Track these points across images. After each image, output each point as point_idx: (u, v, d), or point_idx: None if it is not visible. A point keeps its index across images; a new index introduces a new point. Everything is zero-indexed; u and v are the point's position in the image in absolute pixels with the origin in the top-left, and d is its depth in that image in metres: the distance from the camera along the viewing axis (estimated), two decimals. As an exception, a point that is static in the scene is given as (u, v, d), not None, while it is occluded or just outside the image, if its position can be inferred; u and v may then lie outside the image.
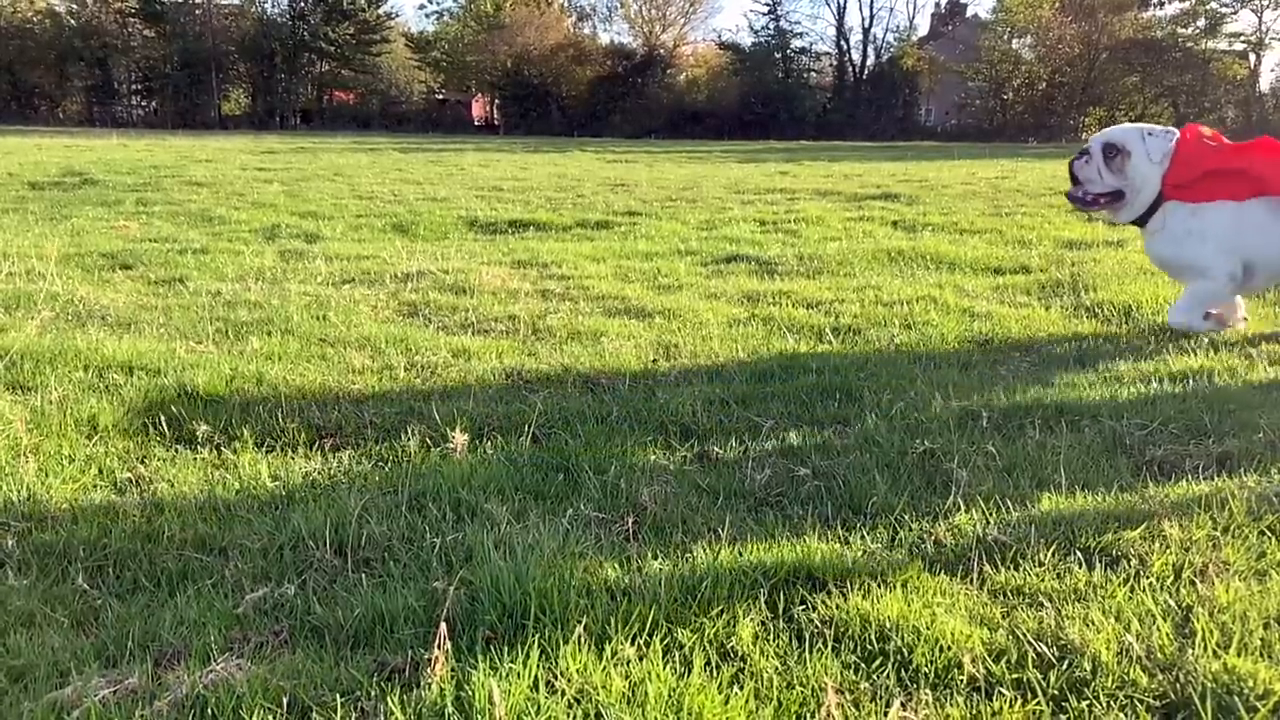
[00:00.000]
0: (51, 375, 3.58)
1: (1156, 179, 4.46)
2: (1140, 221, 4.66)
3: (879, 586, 2.10)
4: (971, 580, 2.20)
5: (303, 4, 52.96)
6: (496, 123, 56.14)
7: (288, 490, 2.65)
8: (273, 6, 54.34)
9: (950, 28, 58.55)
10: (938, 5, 61.84)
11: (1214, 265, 4.42)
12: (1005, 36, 53.08)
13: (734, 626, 1.91)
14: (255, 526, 2.38)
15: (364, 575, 2.14)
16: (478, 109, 60.43)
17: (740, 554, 2.22)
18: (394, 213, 10.21)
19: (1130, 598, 2.11)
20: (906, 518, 2.51)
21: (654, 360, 4.14)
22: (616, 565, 2.15)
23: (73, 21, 51.86)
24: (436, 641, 1.72)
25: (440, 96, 57.90)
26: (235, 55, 52.89)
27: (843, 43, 56.06)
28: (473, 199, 11.93)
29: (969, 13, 59.77)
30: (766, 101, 50.44)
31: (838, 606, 2.01)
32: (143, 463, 2.82)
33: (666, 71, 55.59)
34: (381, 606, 1.95)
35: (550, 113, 52.35)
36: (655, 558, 2.21)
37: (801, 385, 3.65)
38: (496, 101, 57.15)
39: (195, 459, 2.87)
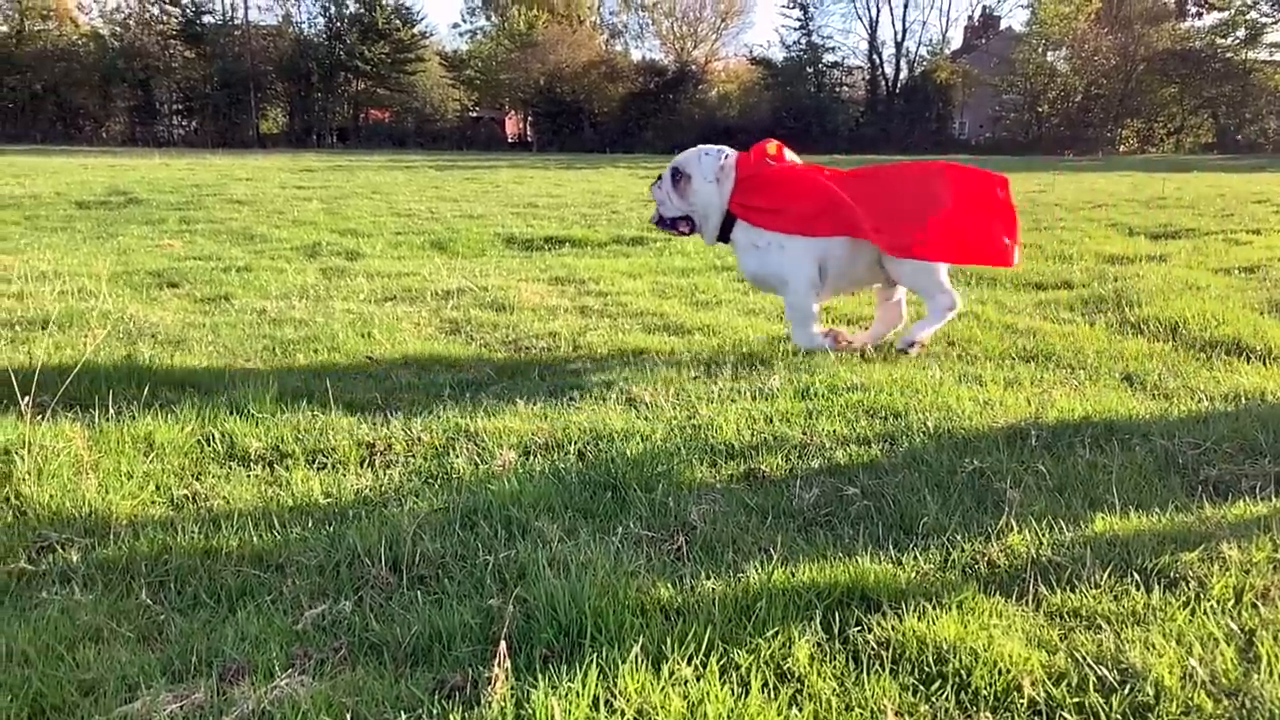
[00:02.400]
0: (107, 392, 3.65)
1: (718, 198, 4.46)
2: (726, 240, 4.62)
3: (934, 608, 2.09)
4: (1027, 602, 2.18)
5: (339, 24, 53.78)
6: (529, 140, 56.56)
7: (340, 507, 2.68)
8: (310, 27, 55.30)
9: (984, 40, 58.21)
10: (971, 18, 61.53)
11: (792, 273, 4.41)
12: (1040, 49, 52.65)
13: (790, 647, 1.91)
14: (311, 543, 2.41)
15: (419, 592, 2.16)
16: (511, 126, 60.94)
17: (793, 574, 2.22)
18: (432, 230, 10.32)
19: (1191, 621, 2.08)
20: (959, 538, 2.49)
21: (695, 377, 4.14)
22: (669, 584, 2.15)
23: (116, 44, 53.03)
24: (497, 660, 1.73)
25: (474, 114, 58.45)
26: (273, 75, 53.77)
27: (875, 56, 55.93)
28: (509, 216, 12.04)
29: (1002, 25, 59.38)
30: (799, 116, 50.37)
31: (894, 628, 2.00)
32: (198, 479, 2.88)
33: (698, 87, 55.71)
34: (439, 624, 1.96)
35: (583, 129, 52.66)
36: (708, 577, 2.21)
37: (846, 403, 3.64)
38: (529, 119, 57.60)
39: (249, 476, 2.92)
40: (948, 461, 3.05)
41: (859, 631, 1.99)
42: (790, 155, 4.71)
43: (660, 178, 4.70)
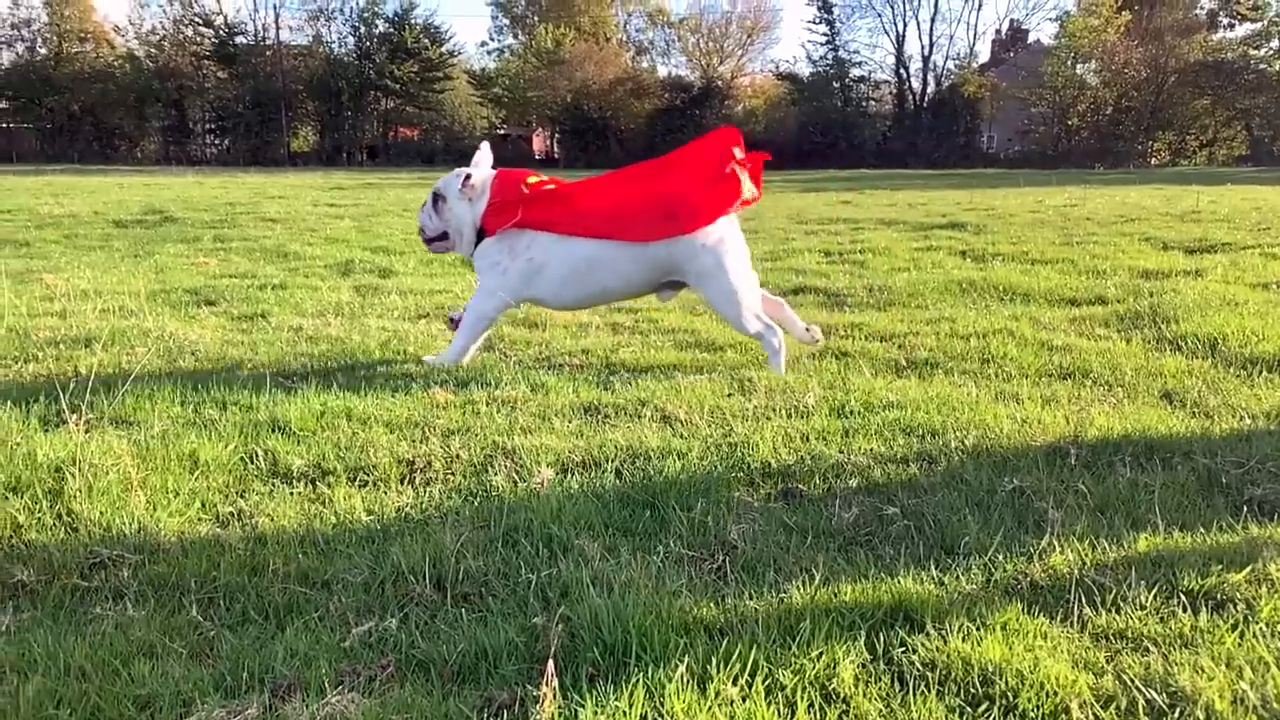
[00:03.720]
0: (151, 410, 3.72)
1: (470, 216, 4.75)
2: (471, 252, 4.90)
3: (979, 629, 2.08)
4: (1072, 623, 2.16)
5: (369, 43, 54.57)
6: (556, 156, 56.97)
7: (383, 525, 2.71)
8: (340, 46, 56.13)
9: (1012, 54, 57.99)
10: (999, 32, 61.35)
11: (491, 294, 4.71)
12: (1069, 61, 52.33)
13: (835, 668, 1.91)
14: (355, 561, 2.44)
15: (464, 610, 2.18)
16: (538, 143, 61.43)
17: (835, 594, 2.22)
18: (462, 247, 10.41)
19: (1240, 644, 2.06)
20: (1000, 558, 2.47)
21: (729, 395, 4.15)
22: (712, 604, 2.16)
23: (151, 65, 54.12)
24: (545, 679, 1.75)
25: (502, 131, 58.98)
26: (304, 94, 54.61)
27: (902, 71, 55.87)
28: (537, 232, 12.10)
29: (1030, 39, 59.12)
30: (825, 130, 50.40)
31: (938, 649, 1.99)
32: (243, 497, 2.92)
33: (724, 103, 55.89)
34: (484, 642, 1.98)
35: (609, 145, 52.97)
36: (750, 597, 2.21)
37: (883, 421, 3.63)
38: (556, 135, 58.04)
39: (292, 493, 2.96)
40: (987, 480, 3.03)
41: (903, 652, 1.99)
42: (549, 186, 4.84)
43: (424, 203, 4.96)
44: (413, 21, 54.68)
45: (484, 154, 4.99)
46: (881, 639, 2.03)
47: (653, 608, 2.05)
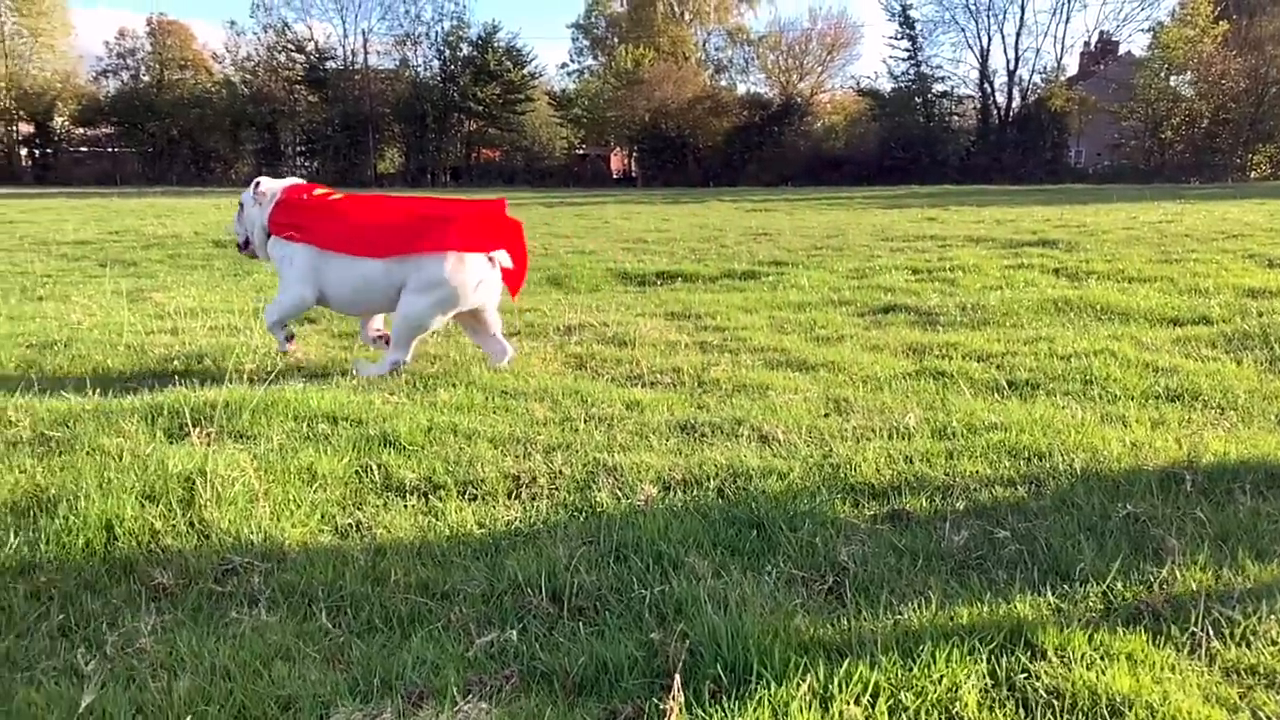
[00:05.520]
0: (266, 425, 3.88)
1: (259, 219, 5.31)
2: (264, 255, 5.45)
3: (1102, 658, 2.04)
4: (1199, 656, 2.10)
5: (453, 66, 55.85)
6: (634, 175, 57.38)
7: (494, 538, 2.78)
8: (425, 70, 57.54)
9: (1101, 66, 56.37)
10: (1087, 44, 59.61)
11: (292, 288, 5.19)
12: (1162, 73, 50.65)
13: (957, 692, 1.90)
14: (471, 573, 2.51)
15: (580, 624, 2.23)
16: (616, 162, 61.95)
17: (952, 618, 2.20)
18: (547, 266, 10.57)
19: (1384, 681, 1.98)
20: (1119, 585, 2.42)
21: (825, 414, 4.14)
22: (829, 624, 2.16)
23: (246, 90, 56.29)
24: (671, 693, 1.78)
25: (580, 151, 59.68)
26: (390, 116, 56.10)
27: (987, 85, 54.78)
28: (619, 251, 12.23)
29: (1121, 50, 57.42)
30: (907, 146, 49.70)
31: (1062, 676, 1.96)
32: (359, 509, 3.03)
33: (803, 119, 55.61)
34: (604, 655, 2.02)
35: (686, 164, 53.12)
36: (866, 619, 2.21)
37: (987, 443, 3.58)
38: (634, 154, 58.46)
39: (405, 506, 3.06)
40: (1099, 505, 2.97)
41: (1026, 679, 1.97)
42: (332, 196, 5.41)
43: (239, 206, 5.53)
44: (496, 44, 55.79)
45: (292, 180, 5.58)
46: (1003, 664, 2.01)
47: (771, 626, 2.07)
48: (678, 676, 1.81)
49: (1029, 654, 2.06)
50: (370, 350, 5.70)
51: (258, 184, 5.36)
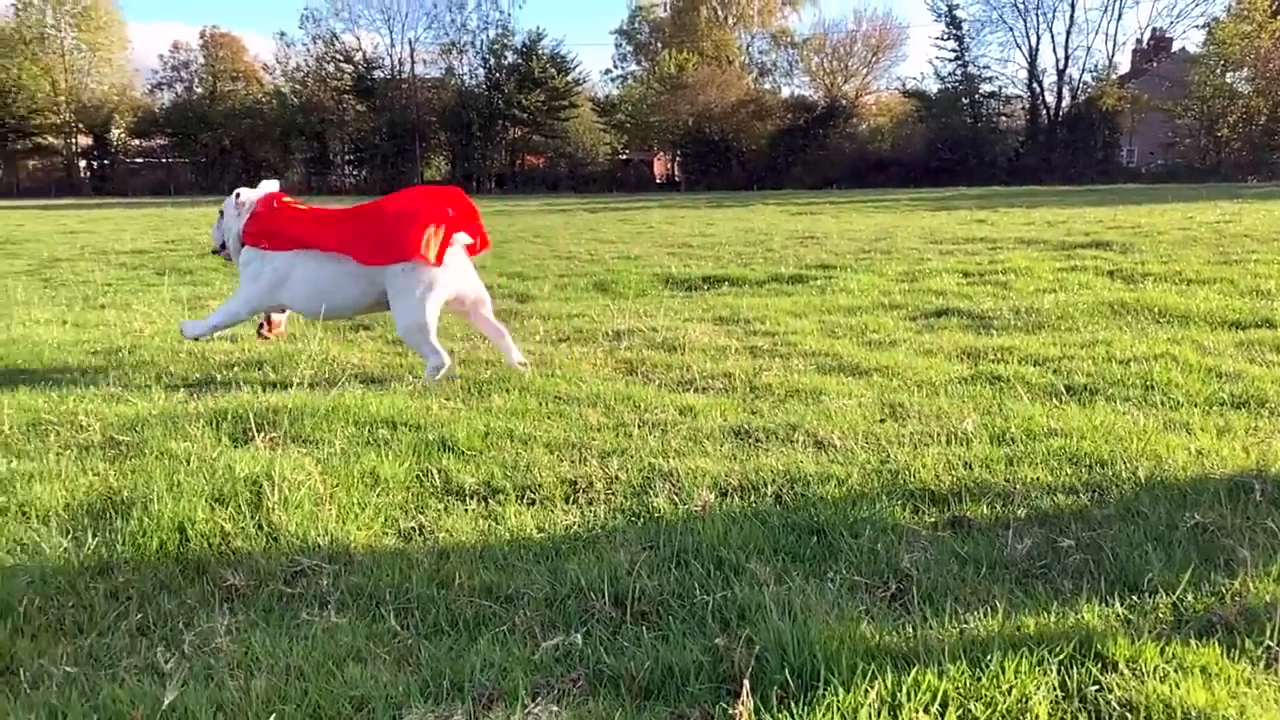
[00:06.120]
0: (328, 430, 3.96)
1: (236, 228, 5.59)
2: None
3: (1175, 670, 2.01)
4: (1276, 670, 2.06)
5: (498, 74, 56.40)
6: (677, 179, 57.43)
7: (554, 542, 2.81)
8: (470, 78, 58.19)
9: (1154, 64, 55.23)
10: (1140, 41, 58.47)
11: (248, 299, 5.49)
12: (1218, 70, 49.52)
13: (1027, 703, 1.88)
14: (533, 576, 2.54)
15: (644, 628, 2.24)
16: (659, 167, 62.07)
17: (1019, 627, 2.18)
18: (593, 272, 10.62)
19: None
20: (1189, 597, 2.38)
21: (881, 420, 4.11)
22: (895, 632, 2.15)
23: (295, 100, 57.39)
24: (741, 698, 1.79)
25: (624, 156, 59.89)
26: (436, 125, 56.83)
27: (1036, 85, 54.04)
28: (665, 256, 12.25)
29: (1175, 47, 56.21)
30: (954, 147, 49.17)
31: (1135, 689, 1.93)
32: (421, 512, 3.08)
33: (848, 121, 55.27)
34: (670, 660, 2.04)
35: (730, 167, 53.07)
36: (932, 627, 2.20)
37: (1048, 449, 3.53)
38: (678, 159, 58.51)
39: (466, 510, 3.10)
40: (1165, 515, 2.92)
41: (1097, 691, 1.94)
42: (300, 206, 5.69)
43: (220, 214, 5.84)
44: (540, 51, 56.27)
45: (267, 184, 5.82)
46: (1073, 675, 1.98)
47: (837, 633, 2.07)
48: (746, 682, 1.82)
49: (1099, 666, 2.03)
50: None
51: (238, 194, 5.64)
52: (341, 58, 58.33)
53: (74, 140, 58.38)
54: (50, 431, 4.06)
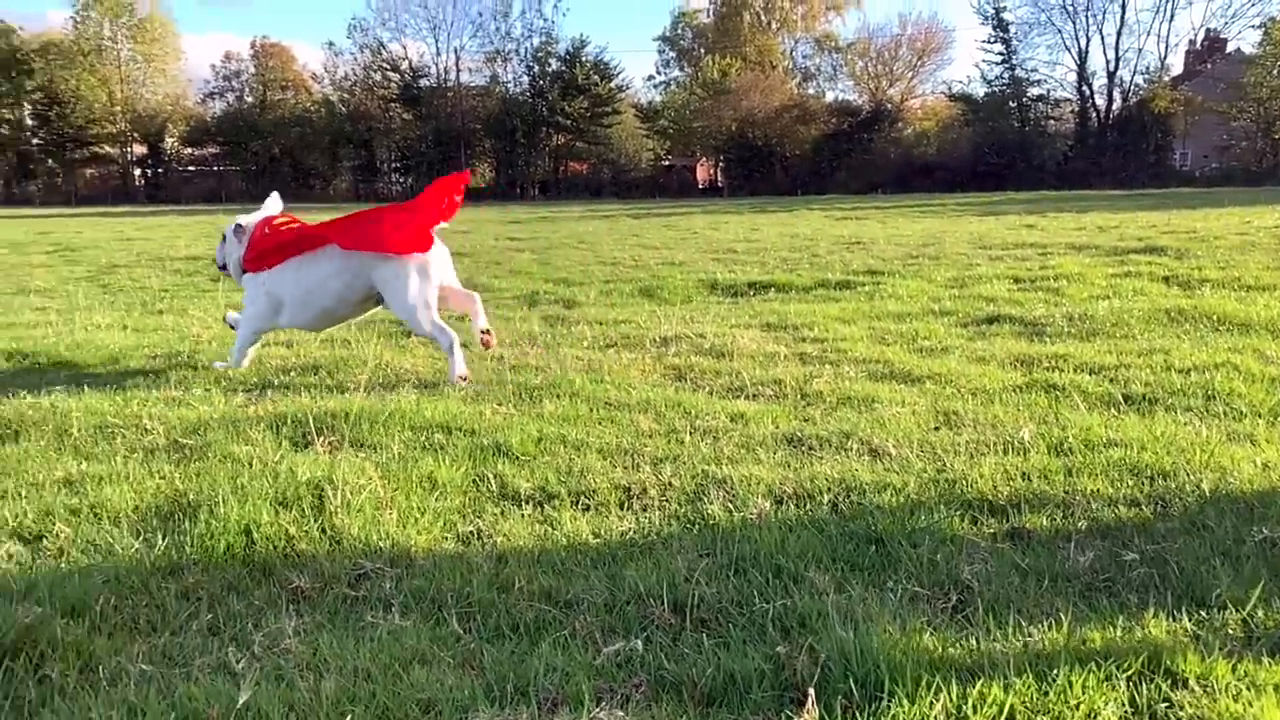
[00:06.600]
0: (385, 434, 4.02)
1: (237, 254, 5.84)
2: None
3: (1248, 689, 1.97)
4: (1353, 688, 2.01)
5: (542, 82, 56.75)
6: (720, 185, 57.35)
7: (610, 548, 2.83)
8: (515, 86, 58.61)
9: (1208, 65, 54.07)
10: (1193, 42, 57.27)
11: (250, 320, 5.75)
12: (1275, 70, 48.33)
13: (1095, 719, 1.86)
14: (592, 582, 2.56)
15: (704, 635, 2.25)
16: (702, 172, 62.02)
17: (1084, 642, 2.15)
18: (638, 278, 10.65)
19: None
20: (1260, 614, 2.33)
21: (935, 428, 4.08)
22: (958, 644, 2.14)
23: (343, 109, 58.25)
24: (806, 707, 1.79)
25: (666, 162, 59.93)
26: (481, 132, 57.31)
27: (1085, 87, 53.13)
28: (709, 262, 12.25)
29: (1229, 48, 54.96)
30: (1001, 151, 48.53)
31: (1206, 707, 1.90)
32: (479, 517, 3.12)
33: (893, 126, 54.81)
34: (731, 667, 2.05)
35: (774, 172, 52.88)
36: (995, 639, 2.18)
37: (1107, 460, 3.48)
38: (720, 164, 58.43)
39: (522, 515, 3.13)
40: (1232, 529, 2.86)
41: (1168, 708, 1.91)
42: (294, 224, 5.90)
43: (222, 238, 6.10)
44: (584, 59, 56.50)
45: (272, 201, 6.09)
46: (1142, 692, 1.96)
47: (900, 644, 2.06)
48: (812, 691, 1.82)
49: (1169, 682, 2.00)
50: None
51: (239, 226, 5.88)
52: (388, 66, 59.09)
53: (129, 149, 59.82)
54: (116, 434, 4.17)
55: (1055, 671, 2.00)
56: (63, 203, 51.16)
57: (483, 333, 5.66)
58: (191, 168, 61.17)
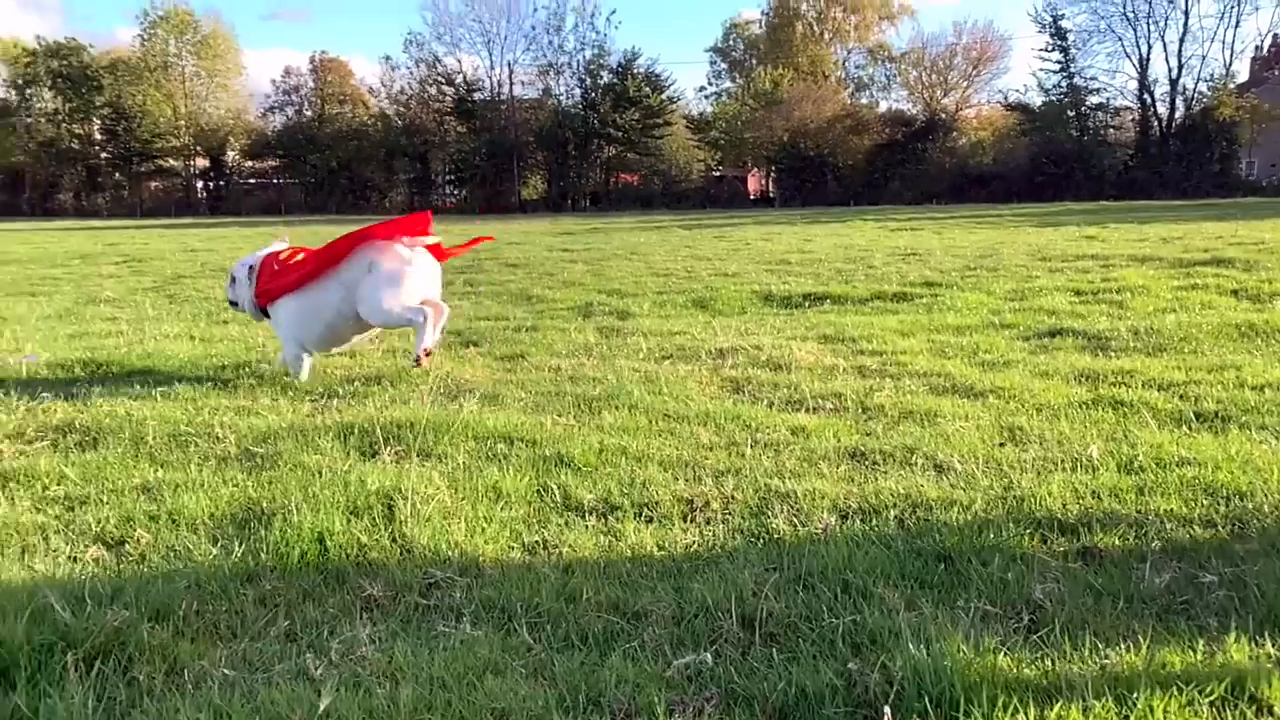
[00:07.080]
0: (449, 444, 4.08)
1: (248, 294, 6.18)
2: (259, 318, 6.41)
3: (1338, 715, 1.92)
4: None
5: (594, 94, 57.15)
6: (771, 196, 57.17)
7: (675, 561, 2.84)
8: (567, 98, 59.09)
9: (1275, 72, 52.62)
10: (1259, 49, 55.77)
11: (287, 343, 6.00)
12: (1347, 77, 46.87)
13: (1179, 743, 1.83)
14: (659, 594, 2.58)
15: (774, 650, 2.26)
16: (753, 183, 61.92)
17: (1163, 665, 2.11)
18: (691, 289, 10.66)
19: None
20: (1347, 638, 2.26)
21: (1001, 444, 4.03)
22: (1034, 665, 2.11)
23: (400, 122, 59.26)
24: (883, 726, 1.78)
25: (717, 173, 59.92)
26: (534, 144, 57.87)
27: (1146, 96, 52.01)
28: (763, 273, 12.21)
29: (1299, 53, 53.40)
30: (1059, 161, 47.71)
31: (1295, 733, 1.86)
32: (544, 527, 3.15)
33: (948, 135, 54.19)
34: (803, 683, 2.05)
35: (826, 183, 52.58)
36: (1071, 661, 2.15)
37: (1180, 479, 3.41)
38: (772, 174, 58.26)
39: (586, 526, 3.16)
40: (1315, 550, 2.78)
41: (1254, 733, 1.87)
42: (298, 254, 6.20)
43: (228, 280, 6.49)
44: (635, 71, 56.79)
45: (278, 244, 6.34)
46: (1227, 718, 1.91)
47: (974, 664, 2.04)
48: (888, 709, 1.81)
49: (1254, 708, 1.96)
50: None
51: (251, 267, 6.21)
52: (443, 80, 59.96)
53: (192, 162, 61.54)
54: (189, 443, 4.29)
55: (1135, 695, 1.97)
56: (128, 215, 52.77)
57: (424, 351, 5.71)
58: (252, 180, 62.70)
